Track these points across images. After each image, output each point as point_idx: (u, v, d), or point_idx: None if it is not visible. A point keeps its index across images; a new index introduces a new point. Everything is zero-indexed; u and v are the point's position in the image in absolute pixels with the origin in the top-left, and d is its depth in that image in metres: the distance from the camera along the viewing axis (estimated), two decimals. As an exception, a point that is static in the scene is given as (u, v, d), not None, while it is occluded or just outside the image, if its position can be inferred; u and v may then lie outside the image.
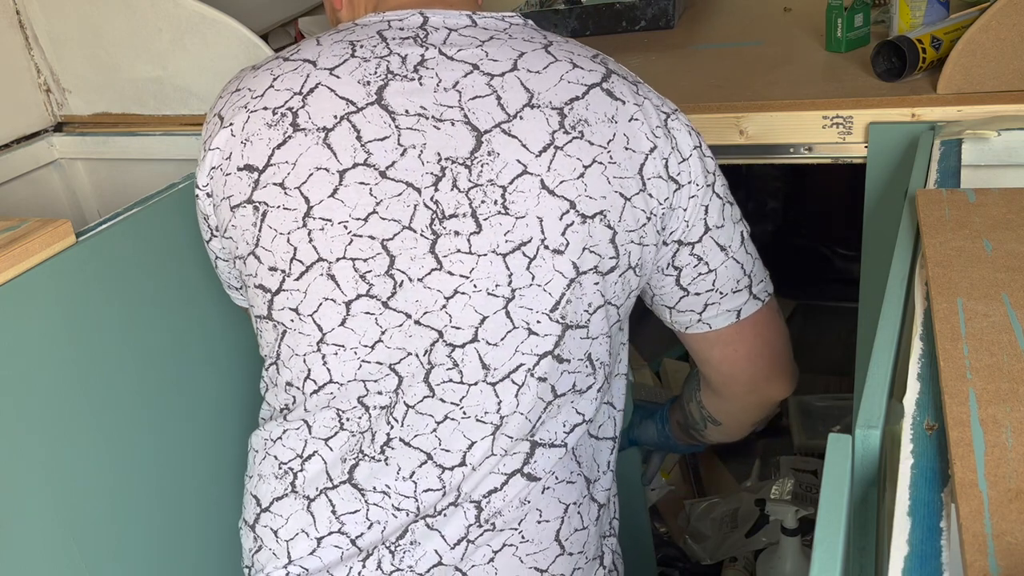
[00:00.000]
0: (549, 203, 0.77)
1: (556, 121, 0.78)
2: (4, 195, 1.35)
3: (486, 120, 0.78)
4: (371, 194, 0.78)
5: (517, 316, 0.79)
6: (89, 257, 0.95)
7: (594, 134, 0.78)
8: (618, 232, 0.80)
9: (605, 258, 0.80)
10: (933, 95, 0.99)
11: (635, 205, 0.80)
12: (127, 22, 1.28)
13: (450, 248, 0.78)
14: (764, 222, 2.48)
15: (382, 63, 0.80)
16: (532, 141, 0.78)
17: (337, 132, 0.79)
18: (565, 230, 0.78)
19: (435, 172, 0.78)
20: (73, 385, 0.94)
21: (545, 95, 0.79)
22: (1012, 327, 0.58)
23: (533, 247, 0.78)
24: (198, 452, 1.10)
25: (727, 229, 0.87)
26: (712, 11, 1.54)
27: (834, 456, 0.52)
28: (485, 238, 0.78)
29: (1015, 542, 0.42)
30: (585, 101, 0.79)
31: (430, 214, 0.78)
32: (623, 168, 0.79)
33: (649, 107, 0.81)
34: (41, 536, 0.91)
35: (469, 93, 0.79)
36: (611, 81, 0.81)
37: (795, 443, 1.86)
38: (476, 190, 0.78)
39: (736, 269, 0.89)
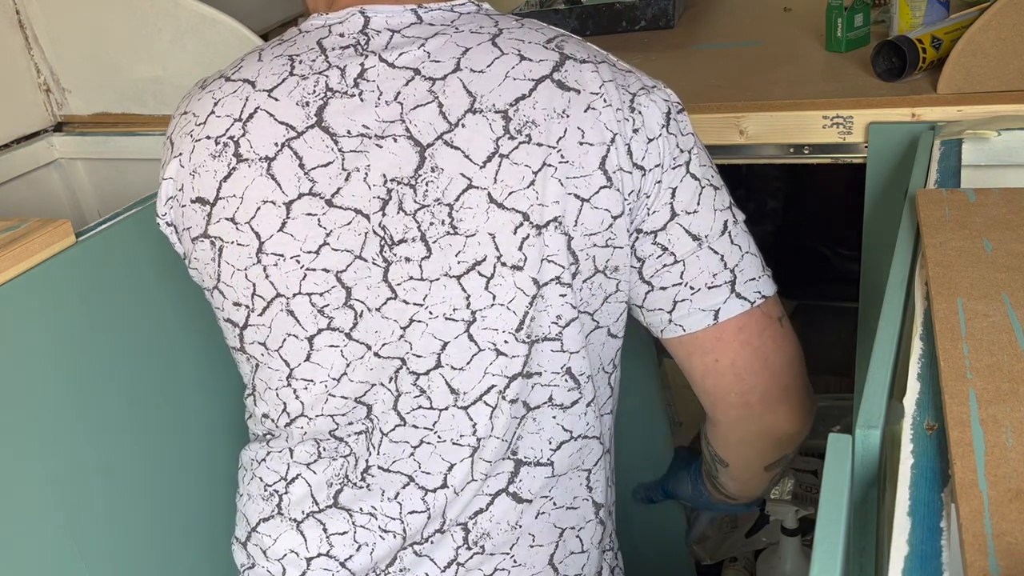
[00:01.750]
0: (500, 217, 0.73)
1: (500, 126, 0.72)
2: (4, 195, 1.35)
3: (428, 132, 0.73)
4: (320, 225, 0.75)
5: (482, 338, 0.76)
6: (89, 257, 0.95)
7: (543, 134, 0.72)
8: (574, 237, 0.74)
9: (566, 267, 0.75)
10: (933, 95, 0.99)
11: (596, 205, 0.74)
12: (127, 22, 1.28)
13: (402, 276, 0.75)
14: (764, 222, 2.48)
15: (321, 79, 0.76)
16: (475, 151, 0.72)
17: (279, 161, 0.75)
18: (522, 244, 0.73)
19: (382, 196, 0.74)
20: (73, 385, 0.94)
21: (488, 97, 0.73)
22: (1012, 327, 0.57)
23: (489, 266, 0.74)
24: (198, 451, 1.10)
25: (703, 216, 0.77)
26: (712, 11, 1.54)
27: (834, 456, 0.52)
28: (436, 262, 0.74)
29: (1015, 542, 0.42)
30: (532, 99, 0.73)
31: (379, 241, 0.74)
32: (578, 166, 0.73)
33: (611, 89, 0.74)
34: (41, 536, 0.91)
35: (411, 103, 0.74)
36: (564, 69, 0.74)
37: (795, 443, 1.86)
38: (423, 211, 0.73)
39: (712, 260, 0.78)
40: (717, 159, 1.10)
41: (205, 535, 1.12)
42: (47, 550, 0.91)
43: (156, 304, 1.05)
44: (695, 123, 1.07)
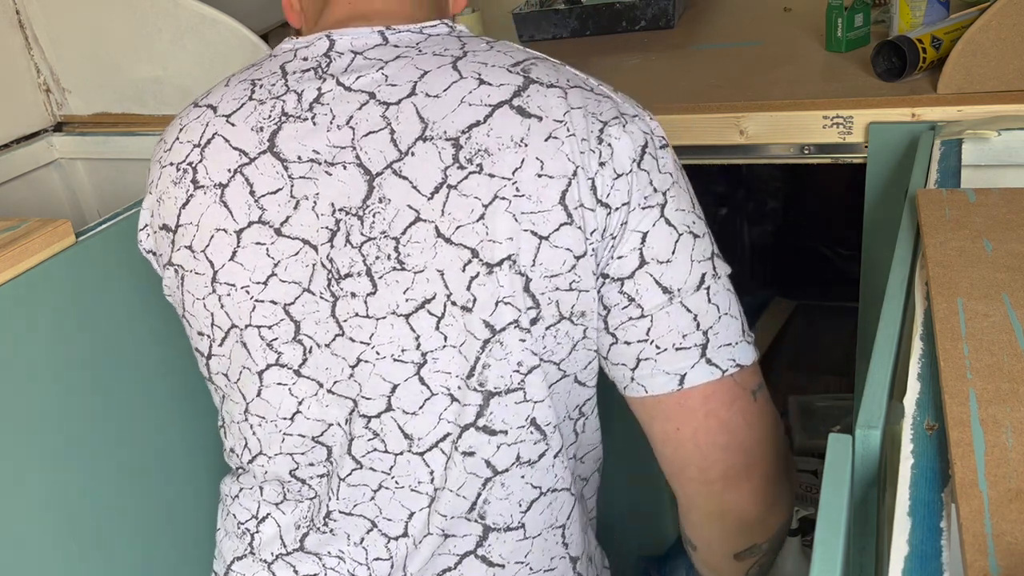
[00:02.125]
0: (448, 253, 0.67)
1: (450, 155, 0.67)
2: (4, 195, 1.35)
3: (378, 160, 0.69)
4: (268, 255, 0.72)
5: (434, 382, 0.71)
6: (89, 257, 0.95)
7: (496, 164, 0.67)
8: (532, 279, 0.68)
9: (523, 310, 0.69)
10: (933, 95, 0.99)
11: (556, 244, 0.67)
12: (127, 22, 1.28)
13: (349, 312, 0.71)
14: (764, 222, 2.48)
15: (277, 104, 0.73)
16: (423, 181, 0.68)
17: (232, 188, 0.72)
18: (470, 283, 0.68)
19: (330, 226, 0.70)
20: (72, 384, 0.94)
21: (441, 124, 0.68)
22: (1012, 327, 0.57)
23: (439, 305, 0.69)
24: (198, 450, 1.10)
25: (677, 267, 0.70)
26: (712, 11, 1.54)
27: (834, 456, 0.52)
28: (382, 299, 0.70)
29: (1015, 542, 0.42)
30: (487, 126, 0.68)
31: (327, 274, 0.71)
32: (535, 201, 0.67)
33: (577, 117, 0.68)
34: (40, 536, 0.91)
35: (363, 129, 0.70)
36: (526, 94, 0.68)
37: (795, 443, 1.86)
38: (369, 244, 0.69)
39: (683, 319, 0.70)
40: (717, 159, 1.10)
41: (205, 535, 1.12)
42: (47, 550, 0.91)
43: (156, 304, 1.05)
44: (695, 123, 1.08)
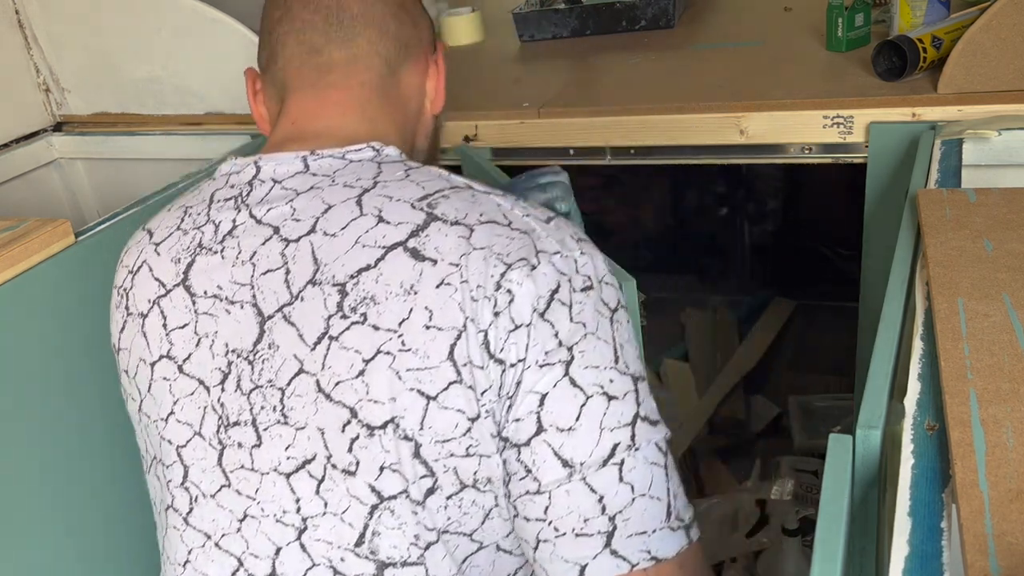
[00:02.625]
0: (328, 411, 0.63)
1: (335, 302, 0.63)
2: (4, 195, 1.35)
3: (271, 302, 0.65)
4: (170, 392, 0.69)
5: (315, 551, 0.65)
6: (88, 257, 0.95)
7: (381, 315, 0.62)
8: (422, 444, 0.61)
9: (414, 480, 0.62)
10: (934, 95, 0.99)
11: (445, 405, 0.61)
12: (127, 22, 1.28)
13: (235, 462, 0.66)
14: (764, 222, 2.48)
15: (197, 235, 0.71)
16: (308, 330, 0.63)
17: (150, 319, 0.71)
18: (351, 446, 0.62)
19: (223, 368, 0.67)
20: (72, 384, 0.94)
21: (331, 267, 0.64)
22: (1013, 327, 0.57)
23: (319, 466, 0.63)
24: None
25: (582, 436, 0.61)
26: (712, 11, 1.54)
27: (835, 456, 0.52)
28: (266, 453, 0.65)
29: (1016, 542, 0.42)
30: (377, 270, 0.63)
31: (217, 419, 0.67)
32: (422, 356, 0.61)
33: (477, 259, 0.62)
34: (40, 536, 0.90)
35: (263, 266, 0.67)
36: (424, 234, 0.63)
37: (795, 443, 1.86)
38: (256, 392, 0.65)
39: (586, 500, 0.60)
40: (717, 159, 1.10)
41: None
42: (46, 550, 0.91)
43: (156, 304, 1.05)
44: (695, 123, 1.08)
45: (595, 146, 1.14)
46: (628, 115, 1.11)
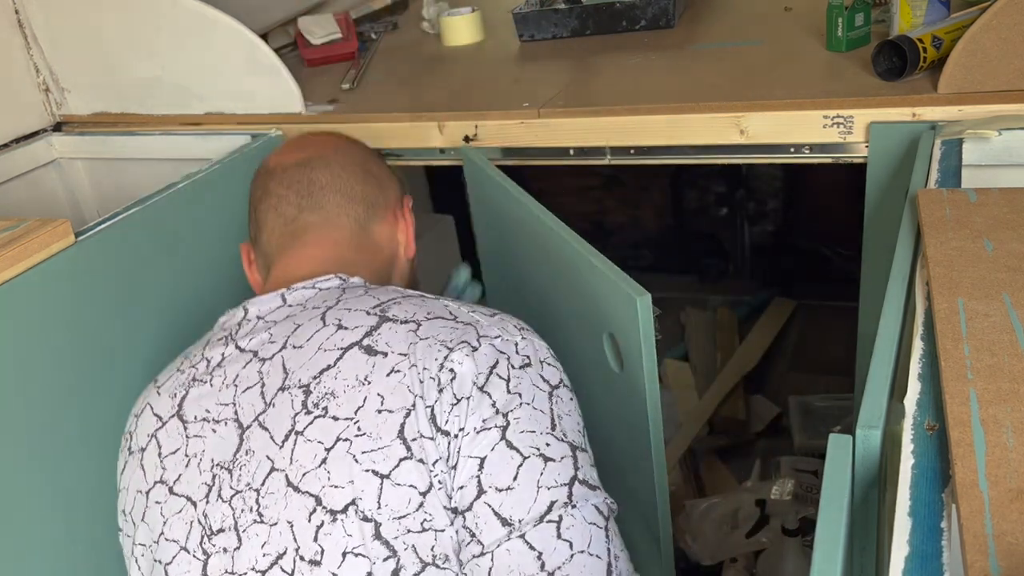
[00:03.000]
0: (296, 503, 0.66)
1: (300, 401, 0.68)
2: (3, 195, 1.35)
3: (249, 414, 0.71)
4: (161, 513, 0.74)
5: None
6: (88, 257, 0.95)
7: (340, 406, 0.67)
8: (383, 524, 0.64)
9: (377, 561, 0.64)
10: (934, 95, 0.99)
11: (398, 481, 0.64)
12: (126, 22, 1.28)
13: (219, 568, 0.69)
14: (764, 222, 2.48)
15: (192, 371, 0.78)
16: (278, 431, 0.69)
17: (148, 451, 0.77)
18: (316, 534, 0.65)
19: (208, 481, 0.72)
20: (72, 384, 0.94)
21: (297, 373, 0.70)
22: (1013, 327, 0.57)
23: (289, 560, 0.66)
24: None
25: (519, 493, 0.63)
26: (712, 11, 1.54)
27: (835, 456, 0.52)
28: (245, 554, 0.68)
29: (1016, 542, 0.42)
30: (336, 369, 0.68)
31: (201, 531, 0.71)
32: (375, 438, 0.65)
33: (423, 347, 0.68)
34: (40, 536, 0.90)
35: (243, 385, 0.73)
36: (377, 333, 0.69)
37: (795, 443, 1.86)
38: (237, 497, 0.69)
39: (525, 558, 0.62)
40: (717, 159, 1.10)
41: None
42: (46, 550, 0.91)
43: (155, 304, 1.05)
44: (695, 123, 1.07)
45: (595, 146, 1.14)
46: (628, 115, 1.11)
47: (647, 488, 0.88)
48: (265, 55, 1.25)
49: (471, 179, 1.17)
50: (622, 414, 0.88)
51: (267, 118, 1.29)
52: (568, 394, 0.72)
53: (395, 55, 1.59)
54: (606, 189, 2.57)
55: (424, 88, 1.35)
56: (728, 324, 2.29)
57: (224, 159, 1.16)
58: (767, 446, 1.91)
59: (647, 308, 0.76)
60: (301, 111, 1.28)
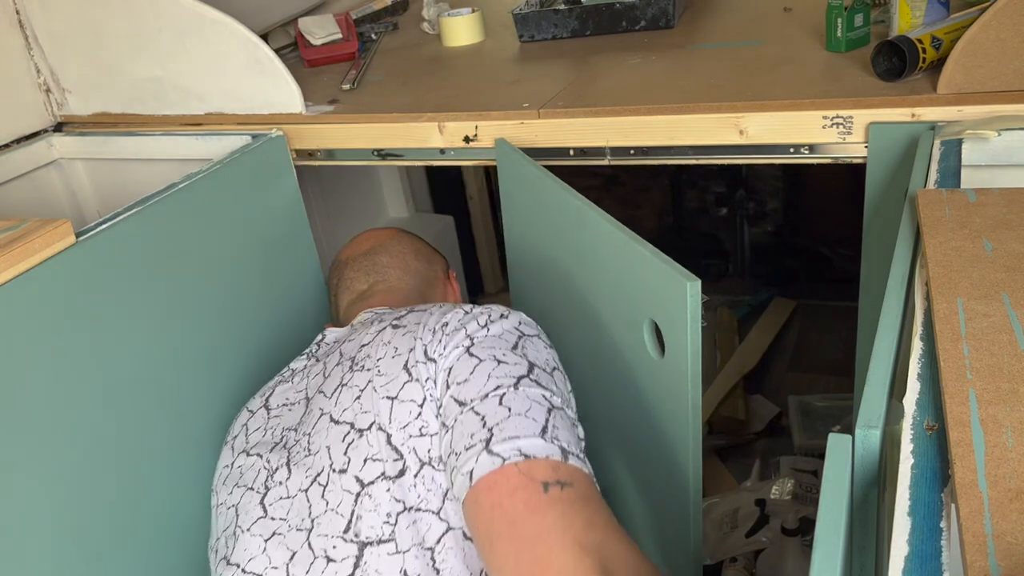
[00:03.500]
0: (335, 432, 0.87)
1: (348, 366, 0.91)
2: (4, 195, 1.35)
3: (313, 389, 0.95)
4: (240, 472, 0.97)
5: (317, 546, 0.83)
6: (89, 257, 0.95)
7: (370, 360, 0.89)
8: (392, 434, 0.82)
9: (388, 461, 0.81)
10: (933, 95, 0.99)
11: (402, 399, 0.83)
12: (127, 22, 1.28)
13: (275, 496, 0.90)
14: (764, 222, 2.48)
15: (279, 377, 1.05)
16: (330, 389, 0.91)
17: (238, 436, 1.02)
18: (347, 449, 0.84)
19: (276, 440, 0.95)
20: (72, 385, 0.94)
21: (348, 351, 0.93)
22: (1012, 327, 0.57)
23: (325, 475, 0.85)
24: (197, 450, 1.10)
25: (472, 383, 0.78)
26: (712, 11, 1.54)
27: (834, 456, 0.52)
28: (294, 481, 0.88)
29: (1015, 542, 0.42)
30: (373, 342, 0.91)
31: (266, 473, 0.93)
32: (388, 375, 0.85)
33: (433, 317, 0.88)
34: (40, 537, 0.91)
35: (312, 376, 0.98)
36: (405, 317, 0.91)
37: (795, 443, 1.86)
38: (297, 445, 0.91)
39: (473, 422, 0.75)
40: (717, 159, 1.10)
41: (202, 535, 1.11)
42: (46, 551, 0.91)
43: (155, 304, 1.05)
44: (695, 123, 1.08)
45: (595, 146, 1.14)
46: (628, 115, 1.11)
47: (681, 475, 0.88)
48: (265, 55, 1.25)
49: (504, 172, 1.17)
50: (660, 403, 0.88)
51: (267, 118, 1.29)
52: (543, 343, 0.86)
53: (395, 55, 1.59)
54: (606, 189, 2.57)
55: (424, 88, 1.35)
56: (728, 324, 2.29)
57: (224, 159, 1.16)
58: (767, 446, 1.91)
59: (696, 293, 0.77)
60: (301, 111, 1.28)
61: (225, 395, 1.15)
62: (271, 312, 1.24)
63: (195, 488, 1.10)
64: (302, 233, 1.30)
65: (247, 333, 1.19)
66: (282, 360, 1.23)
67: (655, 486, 0.98)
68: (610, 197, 2.58)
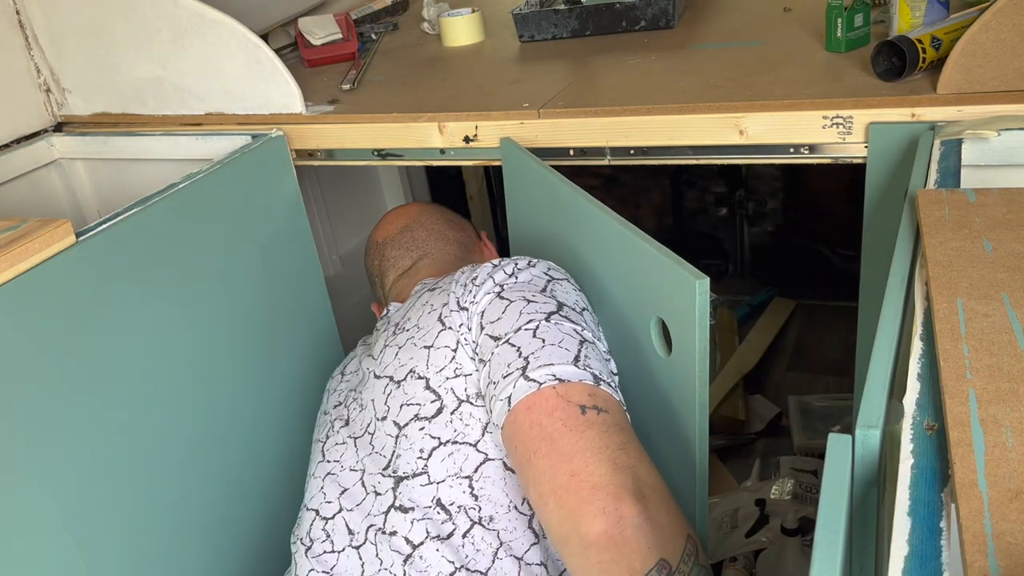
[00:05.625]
0: (378, 386, 0.95)
1: (392, 331, 1.00)
2: (4, 195, 1.35)
3: (369, 360, 1.02)
4: (318, 428, 1.10)
5: (369, 483, 0.93)
6: (89, 257, 0.95)
7: (411, 321, 0.97)
8: (430, 378, 0.89)
9: (425, 404, 0.88)
10: (933, 95, 0.99)
11: (437, 346, 0.90)
12: (127, 22, 1.28)
13: (332, 443, 1.01)
14: (764, 222, 2.48)
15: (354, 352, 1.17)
16: (376, 351, 1.01)
17: (323, 404, 1.15)
18: (387, 399, 0.93)
19: (341, 400, 1.06)
20: (73, 385, 0.94)
21: (396, 320, 1.02)
22: (1012, 327, 0.57)
23: (372, 424, 0.95)
24: (196, 452, 1.10)
25: (505, 320, 0.83)
26: (712, 11, 1.54)
27: (834, 456, 0.52)
28: (349, 429, 1.00)
29: (1015, 542, 0.42)
30: (417, 307, 0.98)
31: (328, 425, 1.05)
32: (424, 329, 0.93)
33: (464, 274, 0.93)
34: (41, 538, 0.90)
35: (373, 344, 1.06)
36: (441, 280, 0.99)
37: (795, 443, 1.86)
38: (354, 402, 1.02)
39: (509, 353, 0.81)
40: (717, 159, 1.10)
41: (202, 535, 1.12)
42: (46, 552, 0.91)
43: (155, 304, 1.05)
44: (695, 123, 1.08)
45: (595, 146, 1.14)
46: (628, 115, 1.11)
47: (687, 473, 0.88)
48: (265, 55, 1.25)
49: (509, 171, 1.17)
50: (667, 400, 0.88)
51: (267, 118, 1.29)
52: (571, 286, 0.91)
53: (395, 55, 1.59)
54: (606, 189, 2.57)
55: (424, 88, 1.35)
56: (728, 324, 2.29)
57: (225, 160, 1.16)
58: (766, 446, 1.91)
59: (705, 291, 0.78)
60: (301, 111, 1.28)
61: (223, 394, 1.15)
62: (271, 312, 1.24)
63: (199, 484, 1.10)
64: (302, 233, 1.30)
65: (247, 332, 1.19)
66: (282, 360, 1.23)
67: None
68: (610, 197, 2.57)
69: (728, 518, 1.66)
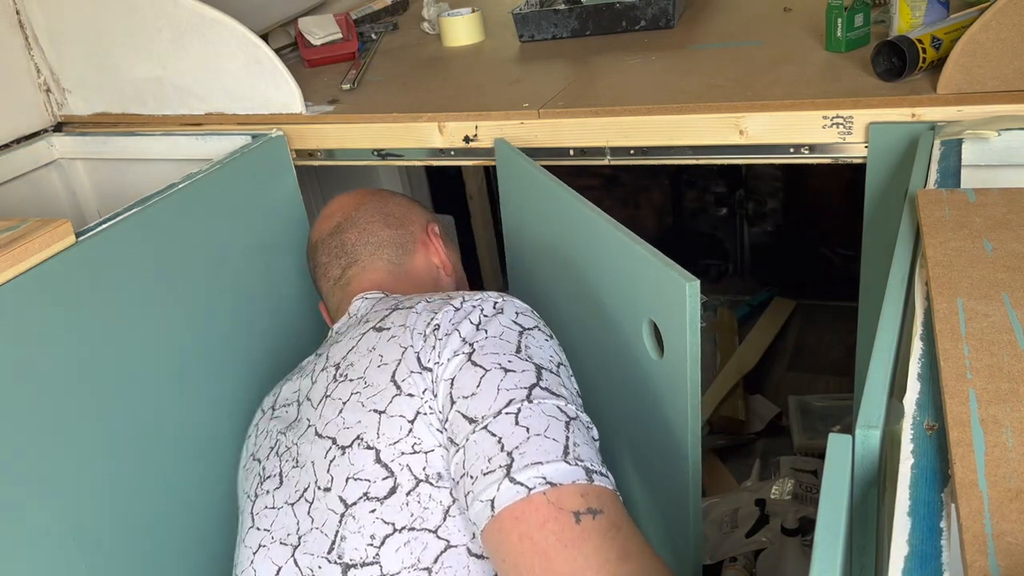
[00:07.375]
0: (319, 446, 0.83)
1: (331, 375, 0.87)
2: (4, 195, 1.35)
3: (304, 392, 0.92)
4: (246, 476, 0.97)
5: (303, 563, 0.81)
6: (89, 257, 0.95)
7: (354, 369, 0.84)
8: (381, 450, 0.77)
9: (376, 481, 0.77)
10: (933, 95, 0.99)
11: (391, 414, 0.78)
12: (127, 22, 1.28)
13: (262, 506, 0.89)
14: (764, 222, 2.48)
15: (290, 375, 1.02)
16: (315, 397, 0.88)
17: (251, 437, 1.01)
18: (329, 466, 0.81)
19: (272, 444, 0.93)
20: (73, 385, 0.94)
21: (333, 357, 0.89)
22: (1012, 327, 0.57)
23: (311, 491, 0.82)
24: (197, 450, 1.10)
25: (481, 398, 0.73)
26: (712, 11, 1.54)
27: (834, 456, 0.52)
28: (283, 492, 0.86)
29: (1015, 542, 0.42)
30: (358, 348, 0.86)
31: (258, 480, 0.92)
32: (375, 386, 0.80)
33: (415, 317, 0.83)
34: (41, 538, 0.90)
35: (306, 375, 0.95)
36: (389, 318, 0.86)
37: (795, 443, 1.86)
38: (287, 453, 0.88)
39: (488, 444, 0.71)
40: (717, 159, 1.10)
41: (202, 536, 1.11)
42: (47, 552, 0.91)
43: (156, 304, 1.05)
44: (695, 123, 1.08)
45: (595, 146, 1.14)
46: (628, 115, 1.11)
47: (680, 476, 0.88)
48: (265, 55, 1.25)
49: (503, 172, 1.17)
50: (659, 403, 0.88)
51: (267, 118, 1.29)
52: (543, 336, 0.82)
53: (395, 55, 1.59)
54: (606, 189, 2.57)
55: (424, 88, 1.35)
56: (728, 324, 2.29)
57: (225, 160, 1.16)
58: (766, 446, 1.91)
59: (695, 294, 0.78)
60: (301, 111, 1.28)
61: (225, 395, 1.15)
62: (271, 312, 1.24)
63: (199, 484, 1.10)
64: (302, 233, 1.30)
65: (247, 333, 1.19)
66: (282, 360, 1.23)
67: (655, 487, 0.98)
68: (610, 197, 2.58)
69: (728, 518, 1.66)
